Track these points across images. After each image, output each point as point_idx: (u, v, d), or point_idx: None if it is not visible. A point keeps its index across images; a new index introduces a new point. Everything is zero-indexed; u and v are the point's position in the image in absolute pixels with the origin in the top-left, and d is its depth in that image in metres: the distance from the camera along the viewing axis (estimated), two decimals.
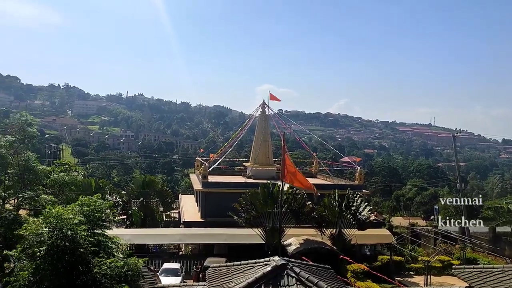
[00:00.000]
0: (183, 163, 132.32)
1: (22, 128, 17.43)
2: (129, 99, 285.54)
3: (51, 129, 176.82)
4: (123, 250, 11.56)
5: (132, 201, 41.81)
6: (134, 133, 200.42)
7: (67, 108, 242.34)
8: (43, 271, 9.51)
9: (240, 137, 51.52)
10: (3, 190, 16.96)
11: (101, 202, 11.72)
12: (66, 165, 20.81)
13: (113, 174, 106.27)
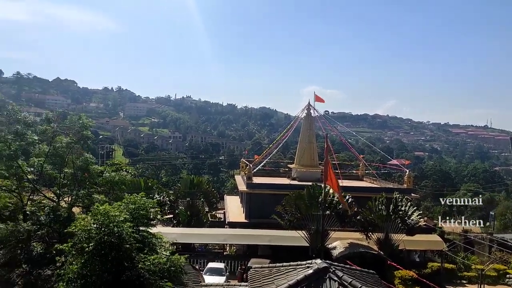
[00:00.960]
0: (229, 164, 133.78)
1: (79, 130, 18.24)
2: (177, 101, 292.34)
3: (105, 130, 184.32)
4: (167, 247, 11.86)
5: (179, 200, 42.72)
6: (182, 135, 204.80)
7: (120, 110, 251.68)
8: (91, 265, 9.92)
9: (285, 139, 51.45)
10: (58, 188, 17.83)
11: (146, 201, 12.08)
12: (117, 165, 21.56)
13: (161, 174, 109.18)
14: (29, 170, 17.80)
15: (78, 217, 12.77)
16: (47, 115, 19.41)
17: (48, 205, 16.60)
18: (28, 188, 18.32)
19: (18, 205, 17.69)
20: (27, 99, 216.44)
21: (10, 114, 17.54)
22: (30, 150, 17.72)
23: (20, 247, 14.04)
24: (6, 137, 16.77)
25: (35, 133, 18.11)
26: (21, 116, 17.94)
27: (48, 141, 17.86)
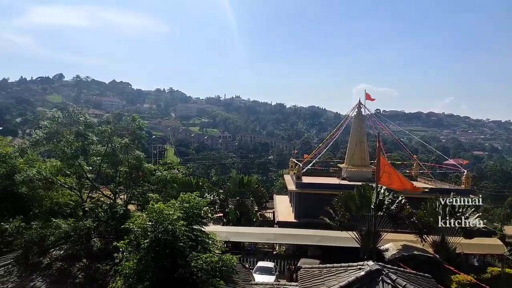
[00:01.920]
0: (278, 163, 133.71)
1: (133, 130, 18.88)
2: (227, 101, 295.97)
3: (157, 131, 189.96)
4: (219, 246, 12.04)
5: (229, 199, 43.22)
6: (231, 134, 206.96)
7: (171, 110, 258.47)
8: (146, 262, 10.24)
9: (335, 138, 50.72)
10: (115, 186, 18.57)
11: (199, 200, 12.30)
12: (169, 164, 22.16)
13: (211, 173, 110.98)
14: (88, 169, 18.66)
15: (133, 214, 13.26)
16: (107, 118, 20.23)
17: (105, 202, 17.34)
18: (88, 186, 19.22)
19: (78, 202, 18.62)
20: (85, 101, 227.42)
21: (71, 116, 18.44)
22: (89, 149, 18.54)
23: (80, 242, 14.75)
24: (68, 137, 17.65)
25: (93, 133, 18.94)
26: (82, 117, 18.80)
27: (105, 141, 18.64)
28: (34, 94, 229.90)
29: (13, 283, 12.98)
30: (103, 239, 15.07)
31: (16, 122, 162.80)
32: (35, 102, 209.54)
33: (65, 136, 17.67)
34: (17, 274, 13.55)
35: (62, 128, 17.97)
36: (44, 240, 14.78)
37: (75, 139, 17.75)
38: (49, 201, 18.21)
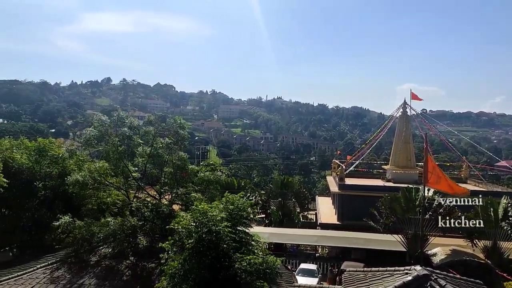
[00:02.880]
0: (320, 164, 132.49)
1: (176, 131, 19.22)
2: (269, 103, 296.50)
3: (200, 132, 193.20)
4: (262, 248, 12.01)
5: (271, 201, 43.24)
6: (273, 135, 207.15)
7: (214, 112, 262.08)
8: (190, 262, 10.37)
9: (379, 139, 49.62)
10: (160, 186, 18.99)
11: (243, 201, 12.33)
12: (212, 165, 22.42)
13: (253, 174, 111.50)
14: (134, 170, 19.18)
15: (178, 214, 13.48)
16: (148, 118, 20.77)
17: (151, 202, 17.76)
18: (134, 186, 19.76)
19: (125, 201, 19.17)
20: (131, 103, 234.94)
21: (117, 119, 19.02)
22: (135, 151, 19.06)
23: (127, 240, 15.18)
24: (114, 139, 18.23)
25: (138, 135, 19.45)
26: (128, 120, 19.35)
27: (149, 142, 19.09)
28: (84, 98, 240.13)
29: (65, 279, 13.53)
30: (149, 238, 15.41)
31: (67, 124, 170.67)
32: (85, 105, 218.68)
33: (112, 138, 18.24)
34: (67, 270, 14.10)
35: (108, 130, 18.55)
36: (93, 237, 15.33)
37: (121, 142, 18.28)
38: (98, 200, 18.88)
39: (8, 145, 20.16)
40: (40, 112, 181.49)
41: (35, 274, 13.71)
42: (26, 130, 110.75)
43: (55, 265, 14.32)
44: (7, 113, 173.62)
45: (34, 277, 13.49)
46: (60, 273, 13.84)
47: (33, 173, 19.63)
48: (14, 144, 20.78)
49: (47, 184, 19.62)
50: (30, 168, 19.55)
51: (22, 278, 13.42)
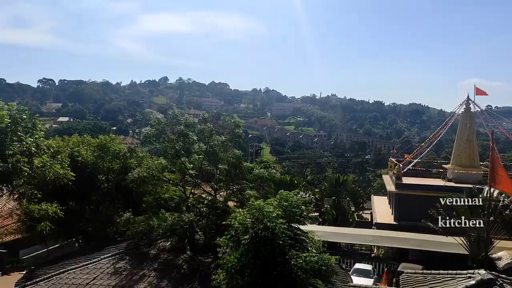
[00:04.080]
0: (376, 163, 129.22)
1: (232, 129, 19.49)
2: (322, 100, 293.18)
3: (254, 130, 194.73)
4: (317, 246, 11.94)
5: (325, 199, 42.84)
6: (327, 133, 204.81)
7: (267, 110, 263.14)
8: (246, 258, 10.51)
9: (439, 137, 47.66)
10: (215, 183, 19.35)
11: (298, 198, 12.32)
12: (265, 163, 22.52)
13: (306, 172, 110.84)
14: (190, 166, 19.68)
15: (233, 210, 13.68)
16: (203, 115, 21.22)
17: (206, 198, 18.16)
18: (190, 183, 20.29)
19: (182, 197, 19.74)
20: (187, 102, 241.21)
21: (172, 117, 19.57)
22: (191, 148, 19.52)
23: (185, 235, 15.61)
24: (171, 137, 18.79)
25: (194, 132, 19.92)
26: (182, 118, 19.87)
27: (205, 140, 19.49)
28: (142, 96, 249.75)
29: (126, 270, 14.15)
30: (205, 233, 15.76)
31: (127, 122, 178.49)
32: (143, 103, 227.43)
33: (168, 136, 18.81)
34: (128, 262, 14.73)
35: (165, 128, 19.12)
36: (152, 231, 15.91)
37: (177, 139, 18.78)
38: (156, 195, 19.59)
39: (75, 142, 21.43)
40: (102, 111, 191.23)
41: (99, 264, 14.45)
42: (90, 127, 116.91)
43: (117, 256, 15.01)
44: (73, 111, 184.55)
45: (99, 267, 14.22)
46: (122, 264, 14.49)
47: (96, 168, 20.71)
48: (80, 140, 22.03)
49: (109, 178, 20.65)
50: (94, 163, 20.63)
51: (88, 268, 14.19)
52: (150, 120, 20.08)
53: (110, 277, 13.63)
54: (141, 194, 19.99)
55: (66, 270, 14.00)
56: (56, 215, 17.19)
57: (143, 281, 13.46)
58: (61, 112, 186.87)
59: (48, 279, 13.54)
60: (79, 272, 13.93)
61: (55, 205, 17.30)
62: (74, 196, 19.84)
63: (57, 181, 16.05)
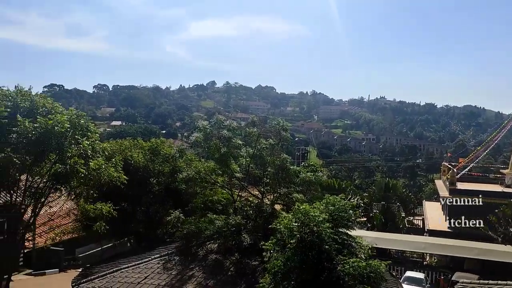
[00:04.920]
0: (427, 167, 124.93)
1: (279, 132, 19.46)
2: (371, 103, 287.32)
3: (300, 133, 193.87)
4: (365, 252, 11.64)
5: (373, 204, 41.86)
6: (376, 136, 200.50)
7: (314, 113, 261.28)
8: (292, 262, 10.44)
9: (496, 140, 45.40)
10: (262, 186, 19.40)
11: (345, 203, 12.10)
12: (312, 166, 22.30)
13: (354, 176, 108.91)
14: (237, 170, 19.85)
15: (280, 214, 13.65)
16: (252, 119, 21.34)
17: (253, 202, 18.24)
18: (237, 186, 20.47)
19: (229, 200, 19.96)
20: (234, 105, 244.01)
21: (217, 123, 19.82)
22: (236, 152, 19.65)
23: (232, 237, 15.76)
24: (216, 142, 19.07)
25: (240, 135, 20.07)
26: (226, 123, 20.07)
27: (252, 143, 19.59)
28: (191, 100, 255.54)
29: (176, 270, 14.47)
30: (252, 236, 15.81)
31: (176, 126, 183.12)
32: (192, 107, 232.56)
33: (214, 141, 19.09)
34: (178, 262, 15.05)
35: (211, 134, 19.41)
36: (200, 233, 16.18)
37: (222, 143, 18.98)
38: (204, 198, 19.92)
39: (128, 145, 22.24)
40: (152, 115, 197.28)
41: (150, 263, 14.87)
42: (141, 131, 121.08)
43: (167, 256, 15.38)
44: (125, 115, 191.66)
45: (149, 267, 14.64)
46: (171, 264, 14.84)
47: (147, 170, 21.39)
48: (132, 144, 22.83)
49: (160, 181, 21.24)
50: (145, 166, 21.31)
51: (139, 267, 14.64)
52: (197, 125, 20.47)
53: (161, 277, 13.99)
54: (190, 196, 20.41)
55: (119, 269, 14.51)
56: (110, 214, 17.93)
57: (192, 282, 13.71)
58: (114, 116, 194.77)
59: (103, 277, 14.08)
60: (131, 271, 14.40)
61: (109, 205, 18.06)
62: (126, 197, 20.58)
63: (111, 183, 16.68)
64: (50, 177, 14.41)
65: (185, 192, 20.49)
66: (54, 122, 13.11)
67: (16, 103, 13.81)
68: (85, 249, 29.38)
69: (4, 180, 13.75)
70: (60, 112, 14.43)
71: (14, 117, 12.79)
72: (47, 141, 13.19)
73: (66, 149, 13.68)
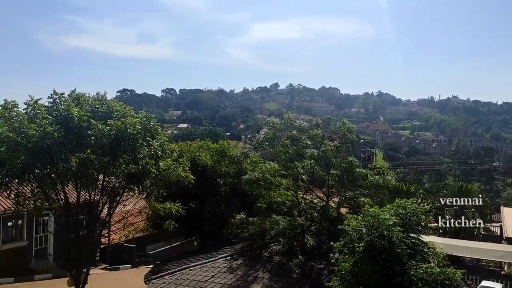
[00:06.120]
0: (506, 171, 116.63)
1: (344, 134, 19.12)
2: (442, 102, 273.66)
3: (365, 135, 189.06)
4: (438, 258, 11.10)
5: (445, 209, 39.80)
6: (447, 138, 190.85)
7: (380, 114, 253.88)
8: (362, 265, 10.22)
9: None
10: (327, 189, 19.16)
11: (416, 207, 11.66)
12: (379, 169, 21.68)
13: (424, 180, 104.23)
14: (302, 171, 19.75)
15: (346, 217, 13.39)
16: (316, 120, 21.14)
17: (318, 204, 18.05)
18: (302, 187, 20.36)
19: (293, 202, 19.90)
20: (297, 107, 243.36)
21: (286, 122, 19.84)
22: (303, 153, 19.57)
23: (296, 239, 15.73)
24: (285, 141, 19.07)
25: (306, 137, 19.95)
26: (296, 123, 20.03)
27: (317, 145, 19.40)
28: (254, 103, 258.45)
29: (241, 270, 14.69)
30: (316, 239, 15.67)
31: (240, 128, 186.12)
32: (255, 110, 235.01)
33: (282, 140, 19.09)
34: (243, 263, 15.27)
35: (278, 133, 19.45)
36: (265, 234, 16.30)
37: (290, 143, 18.98)
38: (269, 199, 20.02)
39: (196, 147, 22.97)
40: (217, 117, 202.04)
41: (217, 263, 15.23)
42: (206, 133, 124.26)
43: (233, 256, 15.66)
44: (191, 118, 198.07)
45: (216, 266, 14.99)
46: (237, 264, 15.08)
47: (214, 171, 21.93)
48: (200, 145, 23.54)
49: (226, 182, 21.69)
50: (212, 167, 21.86)
51: (206, 266, 15.04)
52: (264, 124, 20.62)
53: (227, 276, 14.26)
54: (255, 197, 20.63)
55: (187, 267, 15.00)
56: (179, 213, 18.60)
57: (257, 282, 13.83)
58: (181, 119, 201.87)
59: (172, 274, 14.63)
60: (199, 269, 14.83)
61: (177, 204, 18.74)
62: (193, 197, 21.24)
63: (179, 183, 17.27)
64: (124, 177, 15.20)
65: (250, 193, 20.74)
66: (126, 124, 13.84)
67: (95, 108, 14.75)
68: (155, 246, 30.69)
69: (84, 180, 14.71)
70: (132, 115, 15.20)
71: (92, 120, 13.67)
72: (120, 142, 13.96)
73: (138, 150, 14.38)
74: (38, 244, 25.75)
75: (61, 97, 14.66)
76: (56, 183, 14.40)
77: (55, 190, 14.56)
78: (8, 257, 23.37)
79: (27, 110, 14.19)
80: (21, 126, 12.88)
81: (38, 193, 14.67)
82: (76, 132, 13.65)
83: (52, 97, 14.65)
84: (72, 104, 14.23)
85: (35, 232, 25.33)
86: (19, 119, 13.33)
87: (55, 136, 13.03)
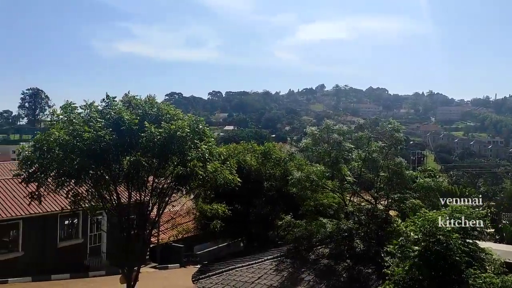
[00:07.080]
0: None
1: (391, 134, 18.66)
2: (498, 102, 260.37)
3: (415, 136, 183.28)
4: (495, 266, 10.52)
5: (502, 214, 37.80)
6: (504, 139, 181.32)
7: (431, 115, 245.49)
8: (417, 271, 9.90)
9: None
10: (375, 191, 18.74)
11: (473, 211, 11.14)
12: (430, 171, 20.93)
13: (479, 183, 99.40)
14: (349, 174, 19.44)
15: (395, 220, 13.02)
16: (358, 122, 20.75)
17: (366, 207, 17.68)
18: (349, 190, 20.05)
19: (340, 204, 19.62)
20: (344, 108, 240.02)
21: (325, 128, 19.60)
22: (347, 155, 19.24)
23: (344, 243, 15.47)
24: (325, 146, 18.88)
25: (350, 139, 19.64)
26: (336, 127, 19.74)
27: (363, 146, 19.03)
28: (300, 105, 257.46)
29: (287, 272, 14.64)
30: (365, 242, 15.35)
31: (285, 130, 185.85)
32: (301, 111, 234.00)
33: (323, 145, 18.92)
34: (289, 265, 15.20)
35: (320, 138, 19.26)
36: (311, 237, 16.16)
37: (332, 148, 18.72)
38: (315, 202, 19.85)
39: (241, 149, 23.18)
40: (263, 119, 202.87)
41: (263, 264, 15.25)
42: (252, 135, 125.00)
43: (279, 258, 15.63)
44: (237, 120, 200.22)
45: (263, 267, 15.02)
46: (283, 266, 15.04)
47: (260, 173, 22.04)
48: (245, 147, 23.74)
49: (272, 184, 21.72)
50: (257, 169, 21.98)
51: (253, 267, 15.11)
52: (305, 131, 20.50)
53: (273, 278, 14.24)
54: (301, 199, 20.53)
55: (234, 267, 15.13)
56: (225, 214, 18.83)
57: (303, 285, 13.73)
58: (227, 121, 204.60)
59: (219, 274, 14.82)
60: (245, 270, 14.92)
61: (224, 205, 18.99)
62: (239, 199, 21.44)
63: (225, 185, 17.49)
64: (173, 179, 15.58)
65: (296, 195, 20.66)
66: (176, 127, 14.18)
67: (145, 111, 15.24)
68: (202, 246, 31.18)
69: (135, 181, 15.22)
70: (181, 118, 15.56)
71: (143, 123, 14.11)
72: (170, 145, 14.31)
73: (186, 152, 14.68)
74: (93, 242, 26.96)
75: (113, 100, 15.26)
76: (109, 184, 14.96)
77: (108, 190, 15.13)
78: (65, 254, 24.66)
79: (83, 113, 14.90)
80: (77, 129, 13.52)
81: (92, 193, 15.31)
82: (127, 135, 14.15)
83: (104, 100, 15.29)
84: (123, 108, 14.77)
85: (90, 230, 26.54)
86: (77, 121, 14.02)
87: (107, 139, 13.56)
